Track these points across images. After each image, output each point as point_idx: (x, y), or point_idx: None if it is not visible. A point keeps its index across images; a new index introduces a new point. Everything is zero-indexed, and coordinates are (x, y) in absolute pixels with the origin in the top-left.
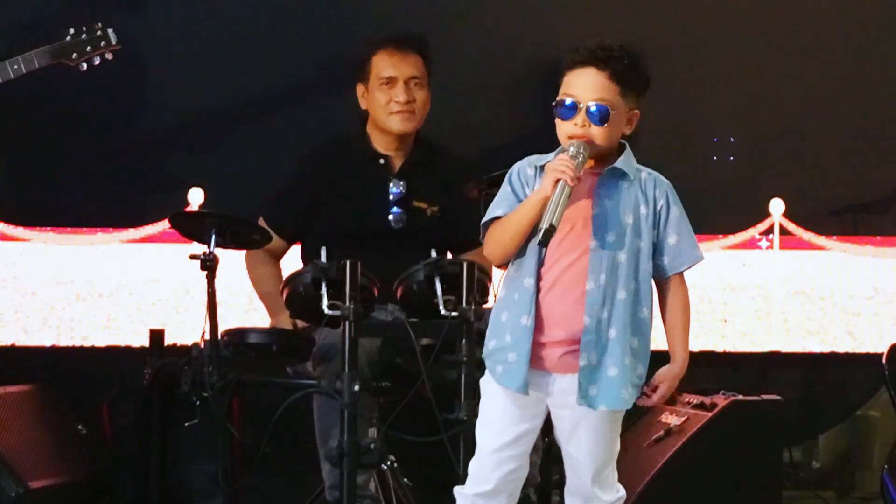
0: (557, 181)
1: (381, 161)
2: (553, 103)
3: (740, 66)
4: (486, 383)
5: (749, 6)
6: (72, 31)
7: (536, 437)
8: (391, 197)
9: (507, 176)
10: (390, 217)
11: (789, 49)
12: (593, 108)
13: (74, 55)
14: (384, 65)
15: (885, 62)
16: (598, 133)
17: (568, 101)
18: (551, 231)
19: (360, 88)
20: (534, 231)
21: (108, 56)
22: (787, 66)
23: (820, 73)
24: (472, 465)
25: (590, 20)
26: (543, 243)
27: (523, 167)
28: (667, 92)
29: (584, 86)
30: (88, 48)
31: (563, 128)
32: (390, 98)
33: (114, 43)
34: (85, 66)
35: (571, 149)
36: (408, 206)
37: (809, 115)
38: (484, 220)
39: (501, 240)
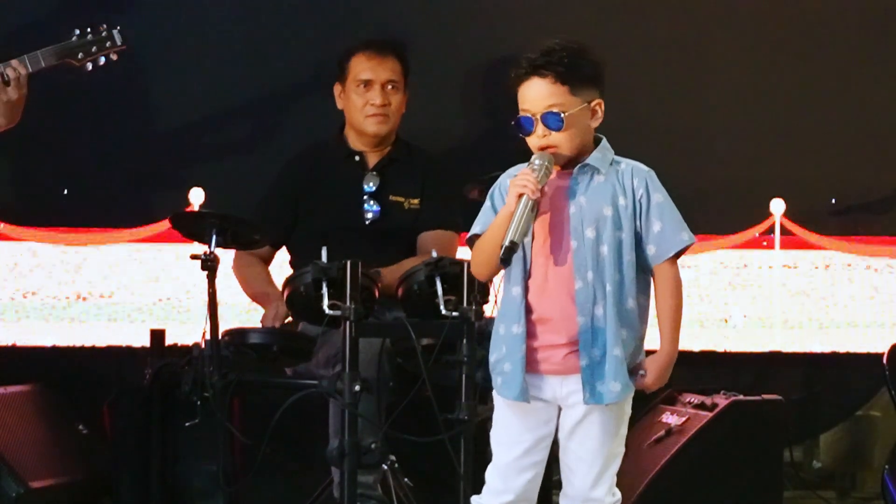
0: (521, 196)
1: (357, 158)
2: (512, 122)
3: (740, 66)
4: (496, 395)
5: (749, 6)
6: (77, 31)
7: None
8: (365, 193)
9: (490, 190)
10: (366, 213)
11: (789, 49)
12: (546, 118)
13: (80, 55)
14: (361, 67)
15: (886, 62)
16: (561, 138)
17: (523, 116)
18: (512, 248)
19: (336, 88)
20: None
21: (114, 57)
22: (787, 66)
23: (820, 72)
24: (490, 476)
25: (586, 19)
26: (505, 261)
27: (503, 180)
28: (667, 92)
29: (533, 97)
30: (94, 48)
31: (530, 142)
32: (366, 101)
33: (119, 44)
34: (90, 66)
35: (536, 161)
36: (383, 201)
37: (810, 116)
38: (468, 237)
39: (481, 258)
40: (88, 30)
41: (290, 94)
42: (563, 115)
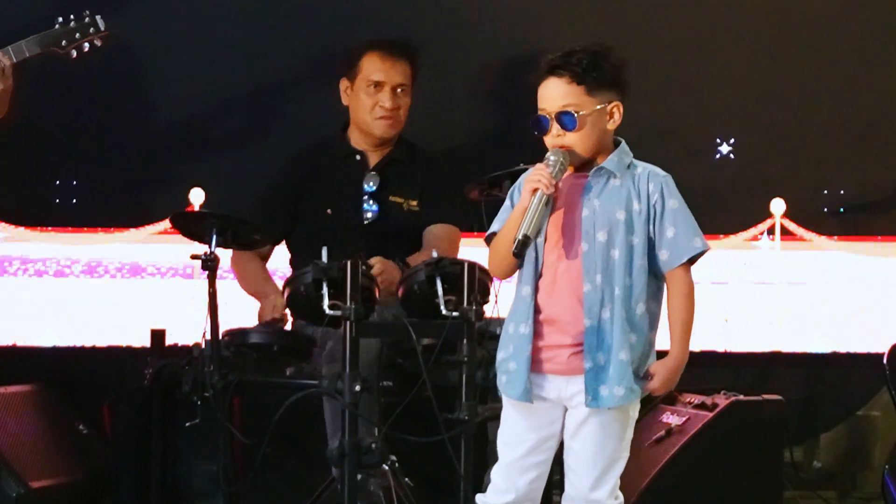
0: (535, 191)
1: (357, 157)
2: (529, 122)
3: (741, 66)
4: (503, 395)
5: (750, 6)
6: (60, 19)
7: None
8: (365, 193)
9: (510, 189)
10: (365, 213)
11: (789, 49)
12: (561, 117)
13: (64, 42)
14: (374, 68)
15: (886, 62)
16: (575, 139)
17: (539, 115)
18: (525, 241)
19: (343, 83)
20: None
21: (98, 42)
22: (787, 66)
23: (820, 73)
24: (495, 475)
25: (588, 20)
26: (517, 254)
27: (522, 179)
28: (667, 92)
29: (549, 97)
30: (77, 35)
31: (546, 141)
32: (376, 102)
33: (102, 29)
34: (75, 53)
35: (551, 157)
36: (383, 201)
37: (809, 115)
38: (486, 236)
39: (497, 256)
40: (71, 17)
41: (291, 94)
42: (576, 115)
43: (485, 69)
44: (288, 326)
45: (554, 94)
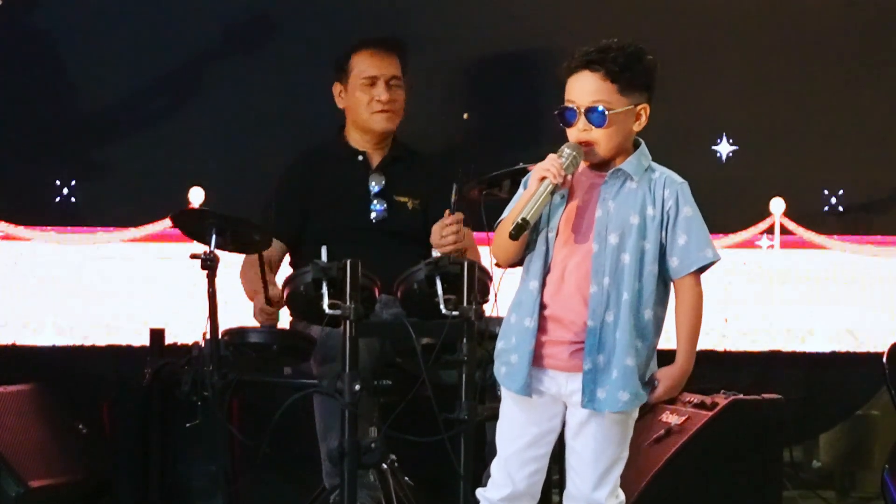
0: (543, 179)
1: (360, 158)
2: (556, 112)
3: (740, 66)
4: (503, 386)
5: (750, 6)
6: None
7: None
8: (371, 192)
9: (524, 178)
10: (372, 212)
11: (789, 49)
12: (590, 111)
13: None
14: (366, 64)
15: (886, 62)
16: (600, 135)
17: (567, 107)
18: (523, 225)
19: (336, 87)
20: (534, 232)
21: None
22: (787, 66)
23: (820, 73)
24: (493, 469)
25: (589, 19)
26: (514, 237)
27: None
28: (667, 92)
29: (580, 90)
30: None
31: (570, 134)
32: (372, 97)
33: None
34: None
35: (566, 150)
36: (389, 200)
37: (810, 115)
38: (495, 223)
39: (500, 241)
40: None
41: (292, 92)
42: (606, 112)
43: (484, 68)
44: (285, 325)
45: (586, 88)
